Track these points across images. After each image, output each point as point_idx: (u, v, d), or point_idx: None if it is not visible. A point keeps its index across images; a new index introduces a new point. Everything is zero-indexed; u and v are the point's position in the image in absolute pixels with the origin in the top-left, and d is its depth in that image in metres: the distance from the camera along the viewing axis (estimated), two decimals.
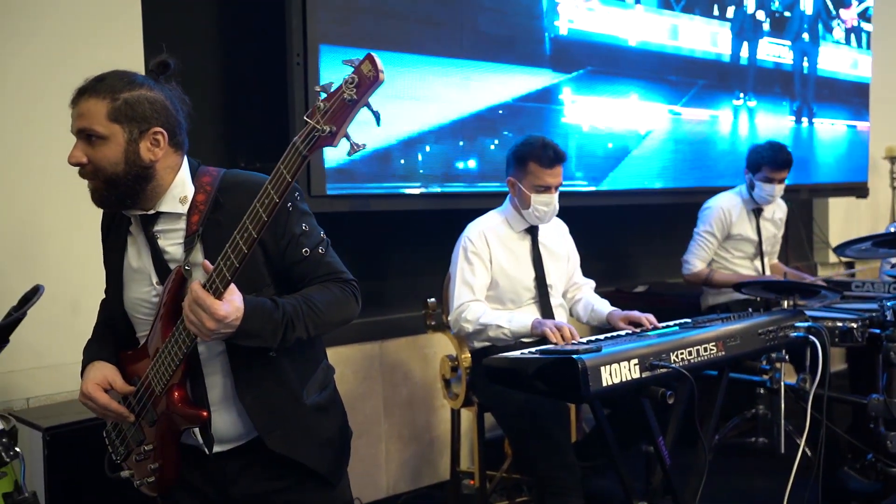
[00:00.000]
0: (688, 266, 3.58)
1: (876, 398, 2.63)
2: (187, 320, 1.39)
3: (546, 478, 2.34)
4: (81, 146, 1.46)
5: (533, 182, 2.52)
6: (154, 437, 1.55)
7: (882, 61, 5.47)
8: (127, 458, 1.63)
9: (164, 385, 1.50)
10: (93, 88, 1.46)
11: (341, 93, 1.28)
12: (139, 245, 1.55)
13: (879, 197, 5.62)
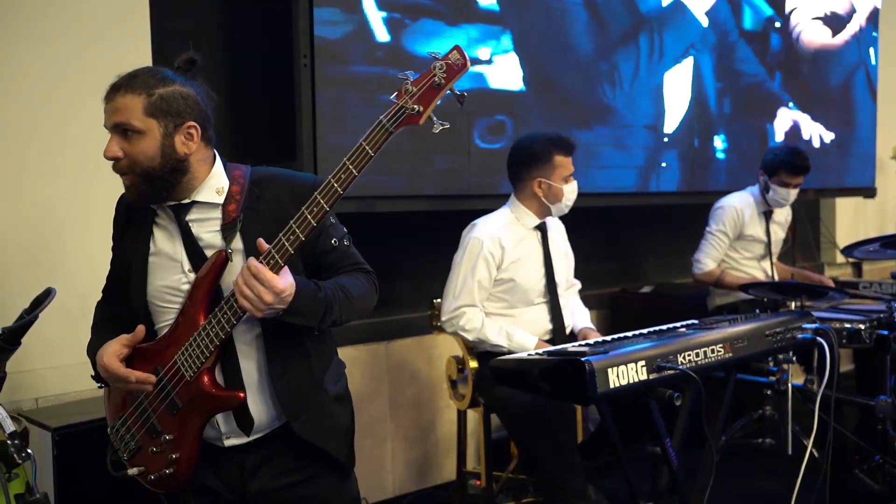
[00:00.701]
0: (699, 265, 3.56)
1: (884, 399, 2.62)
2: (241, 295, 1.43)
3: (551, 479, 2.34)
4: (117, 141, 1.50)
5: (562, 174, 2.56)
6: (176, 427, 1.55)
7: (889, 62, 5.45)
8: (137, 454, 1.61)
9: (196, 369, 1.51)
10: (128, 84, 1.50)
11: (431, 76, 1.38)
12: (170, 234, 1.59)
13: (887, 196, 5.61)
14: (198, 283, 1.53)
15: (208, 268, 1.52)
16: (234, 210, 1.56)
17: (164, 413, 1.56)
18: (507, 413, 2.52)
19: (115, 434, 1.64)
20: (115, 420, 1.64)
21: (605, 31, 3.61)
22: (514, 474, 2.90)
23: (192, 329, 1.52)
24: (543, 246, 2.64)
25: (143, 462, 1.60)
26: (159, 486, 1.60)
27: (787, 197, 3.48)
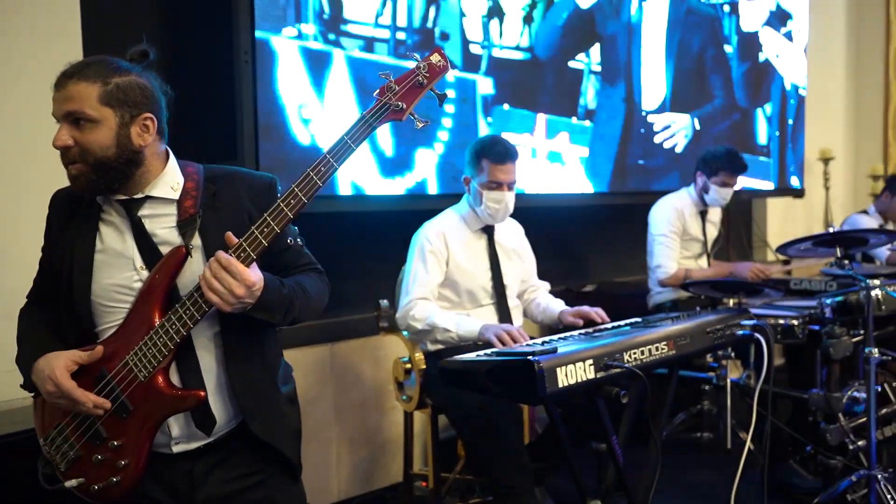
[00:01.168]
0: (664, 270, 3.56)
1: (816, 393, 2.71)
2: (210, 289, 1.40)
3: (501, 479, 2.34)
4: (68, 129, 1.45)
5: (486, 179, 2.52)
6: (124, 432, 1.49)
7: (816, 66, 5.68)
8: (76, 464, 1.52)
9: (151, 369, 1.47)
10: (81, 73, 1.45)
11: (414, 76, 1.46)
12: (119, 230, 1.53)
13: (814, 197, 5.83)
14: (154, 281, 1.48)
15: (167, 265, 1.48)
16: (191, 206, 1.52)
17: (111, 418, 1.49)
18: (456, 414, 2.51)
19: (49, 445, 1.54)
20: (51, 429, 1.54)
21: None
22: (461, 475, 2.90)
23: (146, 328, 1.47)
24: (490, 248, 2.64)
25: (83, 473, 1.52)
26: (101, 498, 1.52)
27: (727, 196, 3.58)
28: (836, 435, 2.66)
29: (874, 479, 2.55)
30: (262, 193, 1.57)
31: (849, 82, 6.54)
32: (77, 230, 1.54)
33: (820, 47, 5.82)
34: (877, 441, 2.58)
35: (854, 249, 2.79)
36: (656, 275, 3.60)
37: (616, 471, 2.19)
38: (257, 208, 1.53)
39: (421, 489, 3.08)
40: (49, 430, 1.55)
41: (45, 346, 1.54)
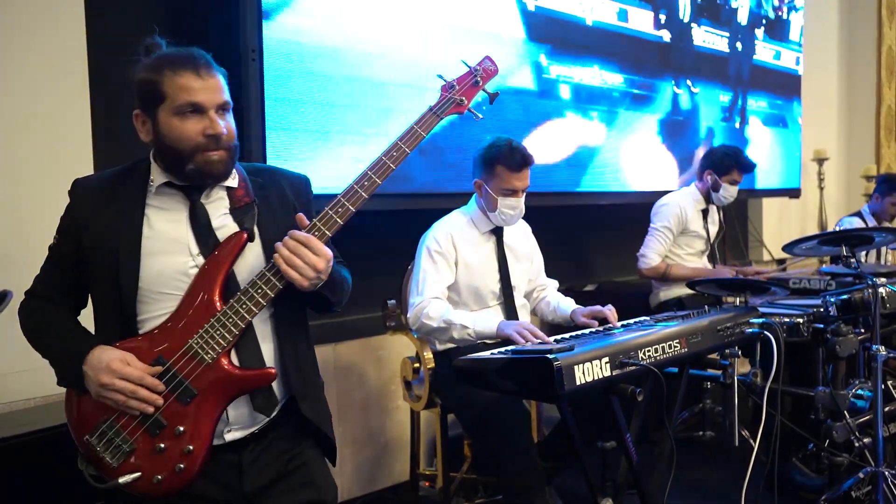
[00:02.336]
0: (645, 260, 3.63)
1: (822, 390, 2.72)
2: (290, 265, 1.45)
3: (511, 478, 2.33)
4: (221, 116, 1.51)
5: (500, 185, 2.51)
6: (188, 418, 1.48)
7: (811, 69, 5.72)
8: (129, 458, 1.48)
9: (217, 352, 1.47)
10: (211, 63, 1.52)
11: (472, 76, 1.64)
12: (173, 215, 1.54)
13: (808, 198, 5.87)
14: (215, 264, 1.50)
15: (228, 248, 1.51)
16: (244, 195, 1.57)
17: (172, 405, 1.47)
18: (466, 413, 2.50)
19: (97, 440, 1.49)
20: (98, 424, 1.49)
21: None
22: (467, 475, 2.89)
23: (209, 311, 1.48)
24: (498, 250, 2.63)
25: (139, 465, 1.47)
26: (164, 488, 1.48)
27: (734, 194, 3.64)
28: (842, 432, 2.67)
29: (881, 476, 2.56)
30: (301, 189, 1.67)
31: (841, 84, 6.60)
32: (119, 216, 1.53)
33: (813, 49, 5.87)
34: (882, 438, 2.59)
35: (859, 248, 2.80)
36: (639, 263, 3.67)
37: (630, 469, 2.18)
38: (299, 202, 1.62)
39: (425, 489, 3.07)
40: (95, 424, 1.50)
41: (87, 338, 1.52)
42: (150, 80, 1.50)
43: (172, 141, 1.50)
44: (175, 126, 1.49)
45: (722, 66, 4.83)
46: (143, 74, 1.52)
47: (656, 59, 4.28)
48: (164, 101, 1.49)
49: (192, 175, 1.52)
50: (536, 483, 2.31)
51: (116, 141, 2.57)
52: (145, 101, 1.51)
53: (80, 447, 1.52)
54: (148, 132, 1.54)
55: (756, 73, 5.10)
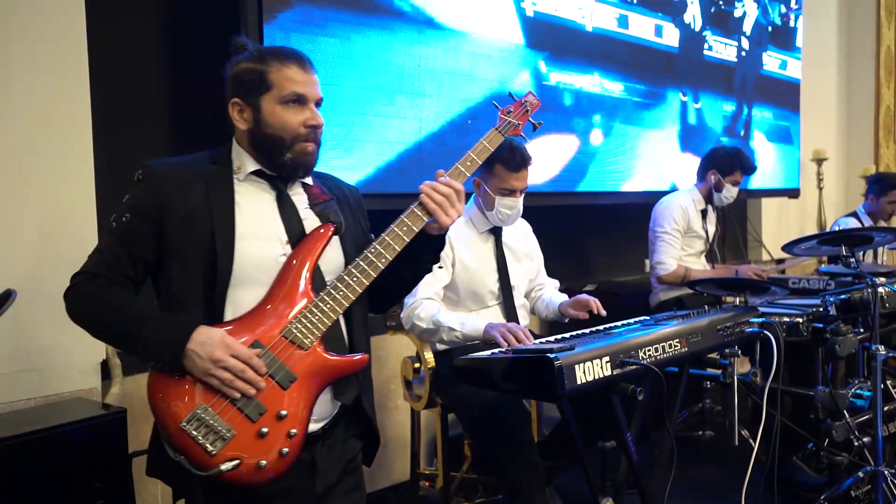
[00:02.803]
0: (664, 266, 3.58)
1: (822, 390, 2.73)
2: (439, 204, 1.60)
3: (512, 478, 2.33)
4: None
5: (498, 185, 2.51)
6: (289, 401, 1.49)
7: (810, 69, 5.74)
8: (229, 444, 1.43)
9: (315, 337, 1.51)
10: (310, 60, 1.62)
11: (524, 106, 1.83)
12: (261, 205, 1.60)
13: (807, 198, 5.88)
14: (305, 253, 1.55)
15: (318, 238, 1.57)
16: (320, 192, 1.66)
17: (272, 389, 1.47)
18: (466, 413, 2.50)
19: (194, 426, 1.43)
20: (195, 410, 1.44)
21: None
22: (467, 474, 2.89)
23: (304, 297, 1.52)
24: (497, 250, 2.64)
25: (240, 451, 1.44)
26: (266, 474, 1.46)
27: (735, 195, 3.65)
28: (842, 431, 2.67)
29: (880, 475, 2.57)
30: (358, 197, 1.80)
31: (840, 84, 6.61)
32: (211, 200, 1.54)
33: (812, 49, 5.88)
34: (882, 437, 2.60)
35: (859, 248, 2.81)
36: (656, 271, 3.61)
37: (630, 468, 2.19)
38: (358, 208, 1.76)
39: (425, 489, 3.07)
40: (191, 410, 1.44)
41: (180, 318, 1.50)
42: (255, 70, 1.57)
43: (275, 129, 1.57)
44: (279, 114, 1.56)
45: (728, 75, 4.85)
46: (246, 65, 1.58)
47: (658, 67, 4.29)
48: (270, 90, 1.56)
49: (289, 164, 1.59)
50: (537, 483, 2.31)
51: (116, 140, 2.57)
52: (247, 89, 1.58)
53: (173, 436, 1.43)
54: (246, 120, 1.59)
55: (762, 83, 5.12)
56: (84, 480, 2.03)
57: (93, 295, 1.52)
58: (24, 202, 2.24)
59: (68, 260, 2.28)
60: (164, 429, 1.44)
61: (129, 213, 1.53)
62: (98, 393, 2.40)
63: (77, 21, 2.35)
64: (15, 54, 2.23)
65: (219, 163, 1.61)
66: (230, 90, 1.60)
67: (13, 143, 2.22)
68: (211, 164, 1.60)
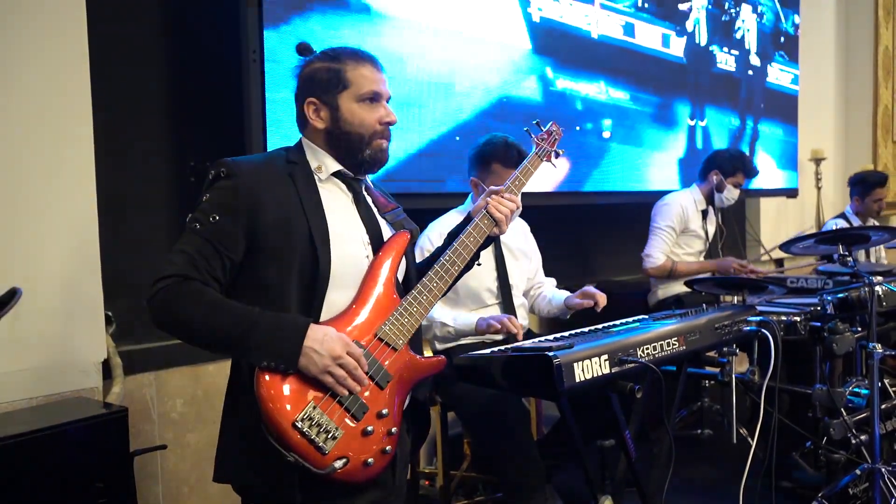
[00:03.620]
0: (651, 260, 3.65)
1: (819, 388, 2.74)
2: (503, 213, 1.74)
3: (511, 476, 2.35)
4: None
5: (497, 183, 2.51)
6: (387, 401, 1.53)
7: (808, 68, 5.75)
8: (338, 443, 1.44)
9: (405, 339, 1.56)
10: (379, 61, 1.67)
11: (553, 134, 1.96)
12: (343, 205, 1.63)
13: (805, 197, 5.90)
14: (389, 258, 1.61)
15: (399, 244, 1.64)
16: (385, 201, 1.72)
17: (372, 389, 1.51)
18: (466, 411, 2.52)
19: (308, 425, 1.42)
20: (306, 409, 1.43)
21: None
22: (467, 473, 2.91)
23: (391, 301, 1.57)
24: (495, 249, 2.65)
25: (347, 450, 1.45)
26: (372, 471, 1.49)
27: (736, 197, 3.68)
28: (840, 429, 2.69)
29: (877, 472, 2.58)
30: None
31: (838, 84, 6.63)
32: (301, 202, 1.55)
33: (810, 49, 5.89)
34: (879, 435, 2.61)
35: (856, 247, 2.82)
36: (644, 263, 3.69)
37: (629, 466, 2.20)
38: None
39: (425, 488, 3.09)
40: (303, 409, 1.43)
41: (290, 316, 1.49)
42: (331, 69, 1.61)
43: (355, 126, 1.60)
44: (357, 112, 1.60)
45: (733, 88, 4.87)
46: (321, 65, 1.62)
47: (664, 76, 4.30)
48: (347, 88, 1.60)
49: (367, 161, 1.63)
50: (536, 481, 2.33)
51: (117, 139, 2.58)
52: (323, 88, 1.61)
53: (285, 434, 1.41)
54: (323, 119, 1.62)
55: (769, 97, 5.16)
56: (85, 480, 2.03)
57: (192, 297, 1.45)
58: (25, 200, 2.25)
59: (69, 258, 2.32)
60: (275, 428, 1.41)
61: (217, 213, 1.50)
62: (99, 392, 2.41)
63: (78, 20, 2.36)
64: (15, 54, 2.24)
65: (298, 162, 1.61)
66: (303, 90, 1.63)
67: (14, 141, 2.23)
68: (288, 163, 1.60)
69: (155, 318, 1.48)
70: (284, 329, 1.44)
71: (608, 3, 3.93)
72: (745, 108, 5.00)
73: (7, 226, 2.23)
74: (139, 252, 2.65)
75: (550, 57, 3.62)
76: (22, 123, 2.25)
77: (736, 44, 4.91)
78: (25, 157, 2.25)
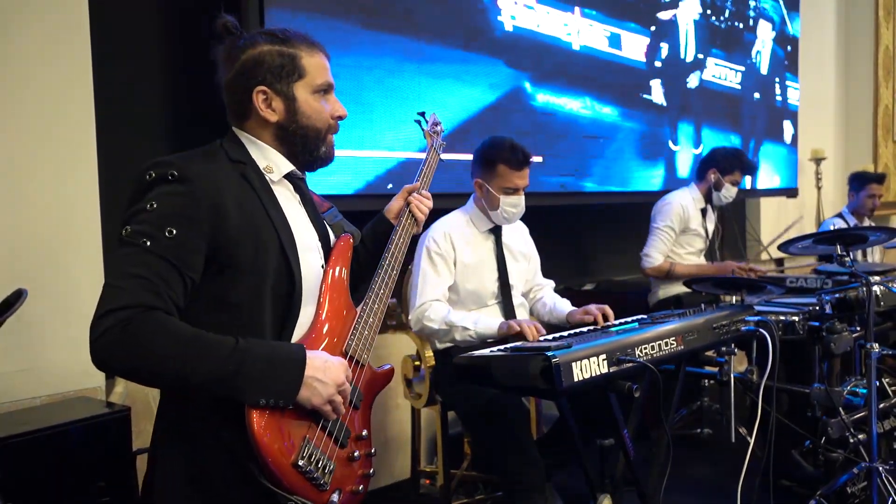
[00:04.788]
0: (649, 260, 3.67)
1: (818, 387, 2.75)
2: (422, 214, 1.72)
3: (511, 474, 2.36)
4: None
5: (502, 184, 2.54)
6: (362, 422, 1.43)
7: (808, 69, 5.75)
8: (333, 475, 1.34)
9: (369, 352, 1.45)
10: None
11: (439, 126, 1.99)
12: (294, 210, 1.45)
13: (805, 196, 5.90)
14: (340, 268, 1.47)
15: (346, 250, 1.50)
16: (320, 199, 1.57)
17: (350, 412, 1.40)
18: (466, 410, 2.53)
19: (305, 461, 1.29)
20: (303, 445, 1.30)
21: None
22: (467, 472, 2.92)
23: (352, 313, 1.46)
24: (497, 249, 2.66)
25: (340, 482, 1.36)
26: (359, 499, 1.41)
27: (734, 194, 3.69)
28: (838, 429, 2.70)
29: (875, 471, 2.59)
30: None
31: (839, 83, 6.63)
32: (263, 208, 1.36)
33: (810, 50, 5.90)
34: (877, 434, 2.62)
35: (854, 247, 2.83)
36: (642, 263, 3.71)
37: (627, 464, 2.21)
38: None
39: (426, 486, 3.10)
40: (300, 445, 1.30)
41: (284, 343, 1.34)
42: (284, 54, 1.40)
43: (312, 119, 1.43)
44: (314, 104, 1.43)
45: (734, 106, 4.87)
46: (271, 48, 1.40)
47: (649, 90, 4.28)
48: (303, 77, 1.42)
49: (321, 158, 1.47)
50: (536, 480, 2.34)
51: (119, 141, 2.60)
52: (276, 76, 1.40)
53: (288, 476, 1.27)
54: (276, 111, 1.42)
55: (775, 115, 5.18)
56: (88, 479, 2.05)
57: (161, 333, 1.20)
58: (28, 202, 2.27)
59: (71, 259, 2.34)
60: (276, 470, 1.25)
61: (173, 226, 1.25)
62: (102, 392, 2.43)
63: (81, 24, 2.38)
64: (20, 59, 2.26)
65: (245, 161, 1.39)
66: (249, 76, 1.39)
67: (18, 144, 2.24)
68: (232, 161, 1.38)
69: (106, 362, 1.19)
70: (281, 361, 1.27)
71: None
72: (748, 130, 5.01)
73: (11, 227, 2.25)
74: None
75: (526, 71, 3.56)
76: (26, 127, 2.26)
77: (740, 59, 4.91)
78: (29, 160, 2.27)
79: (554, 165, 3.71)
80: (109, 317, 1.18)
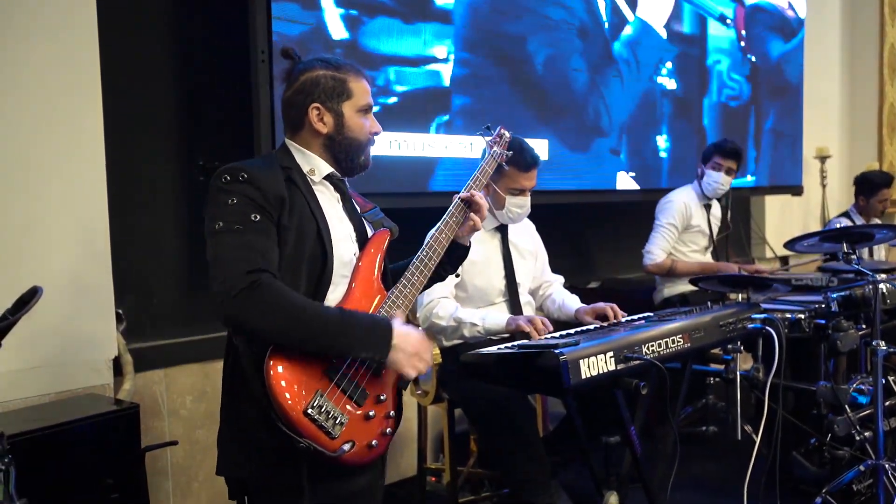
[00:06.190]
0: (651, 257, 3.67)
1: (824, 385, 2.75)
2: (483, 211, 1.88)
3: (517, 472, 2.37)
4: None
5: (509, 185, 2.54)
6: (384, 386, 1.63)
7: (812, 66, 5.75)
8: (343, 428, 1.53)
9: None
10: None
11: (504, 138, 2.14)
12: (333, 206, 1.72)
13: (810, 194, 5.90)
14: (373, 254, 1.71)
15: (381, 242, 1.75)
16: (362, 201, 1.83)
17: (370, 377, 1.60)
18: (472, 408, 2.54)
19: (317, 411, 1.50)
20: (314, 397, 1.51)
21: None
22: (473, 469, 2.93)
23: (378, 293, 1.69)
24: (503, 247, 2.67)
25: (353, 434, 1.55)
26: (375, 452, 1.60)
27: (720, 181, 3.68)
28: (844, 426, 2.70)
29: (881, 468, 2.60)
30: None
31: (844, 81, 6.62)
32: (308, 201, 1.64)
33: (816, 48, 5.89)
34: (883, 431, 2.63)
35: (860, 245, 2.83)
36: (644, 260, 3.70)
37: (634, 462, 2.22)
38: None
39: (432, 484, 3.11)
40: (312, 397, 1.51)
41: (373, 314, 1.65)
42: (336, 78, 1.70)
43: (355, 133, 1.72)
44: (357, 121, 1.72)
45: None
46: (326, 72, 1.70)
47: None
48: (350, 98, 1.71)
49: (361, 165, 1.75)
50: (542, 477, 2.35)
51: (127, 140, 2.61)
52: (328, 95, 1.69)
53: (299, 422, 1.48)
54: (326, 124, 1.70)
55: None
56: (97, 475, 2.06)
57: (286, 294, 1.50)
58: (37, 201, 2.28)
59: (80, 257, 2.35)
60: (288, 416, 1.47)
61: (256, 213, 1.53)
62: (110, 389, 2.44)
63: (89, 24, 2.39)
64: (27, 57, 2.27)
65: (291, 167, 1.67)
66: (306, 94, 1.69)
67: (26, 143, 2.26)
68: (282, 168, 1.65)
69: (248, 319, 1.46)
70: (376, 325, 1.57)
71: None
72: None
73: (20, 225, 2.26)
74: (149, 250, 2.68)
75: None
76: (34, 125, 2.27)
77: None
78: (38, 159, 2.28)
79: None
80: (246, 280, 1.45)
